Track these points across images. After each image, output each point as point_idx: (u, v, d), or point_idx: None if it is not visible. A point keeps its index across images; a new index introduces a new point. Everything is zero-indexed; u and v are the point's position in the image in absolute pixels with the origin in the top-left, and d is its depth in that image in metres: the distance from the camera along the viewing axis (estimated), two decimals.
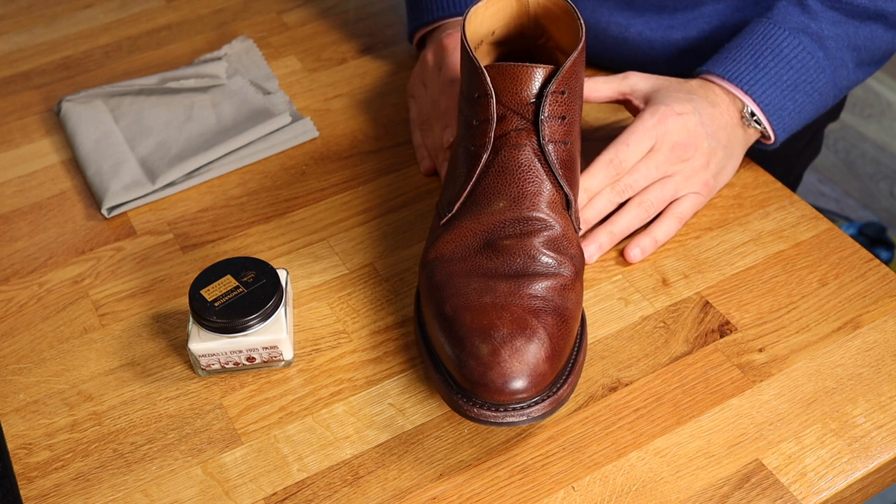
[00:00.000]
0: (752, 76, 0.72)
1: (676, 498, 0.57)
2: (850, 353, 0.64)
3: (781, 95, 0.73)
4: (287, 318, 0.64)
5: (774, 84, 0.72)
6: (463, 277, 0.60)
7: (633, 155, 0.69)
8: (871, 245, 1.76)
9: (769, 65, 0.72)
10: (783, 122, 0.73)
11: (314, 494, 0.58)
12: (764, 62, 0.72)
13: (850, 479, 0.57)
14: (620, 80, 0.74)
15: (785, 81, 0.72)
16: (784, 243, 0.72)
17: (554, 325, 0.57)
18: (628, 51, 0.84)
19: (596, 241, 0.69)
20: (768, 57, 0.72)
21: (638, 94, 0.73)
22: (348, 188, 0.79)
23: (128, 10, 1.02)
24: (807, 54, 0.72)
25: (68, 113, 0.85)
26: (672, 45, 0.83)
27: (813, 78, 0.73)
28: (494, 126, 0.62)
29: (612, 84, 0.74)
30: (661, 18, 0.82)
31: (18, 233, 0.77)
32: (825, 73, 0.73)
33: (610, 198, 0.69)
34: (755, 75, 0.72)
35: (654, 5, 0.82)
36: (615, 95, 0.74)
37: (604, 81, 0.74)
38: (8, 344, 0.68)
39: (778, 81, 0.72)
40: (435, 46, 0.81)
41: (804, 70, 0.73)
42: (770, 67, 0.72)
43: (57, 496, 0.58)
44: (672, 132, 0.69)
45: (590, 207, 0.69)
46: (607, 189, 0.69)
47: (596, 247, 0.69)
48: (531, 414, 0.56)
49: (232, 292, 0.62)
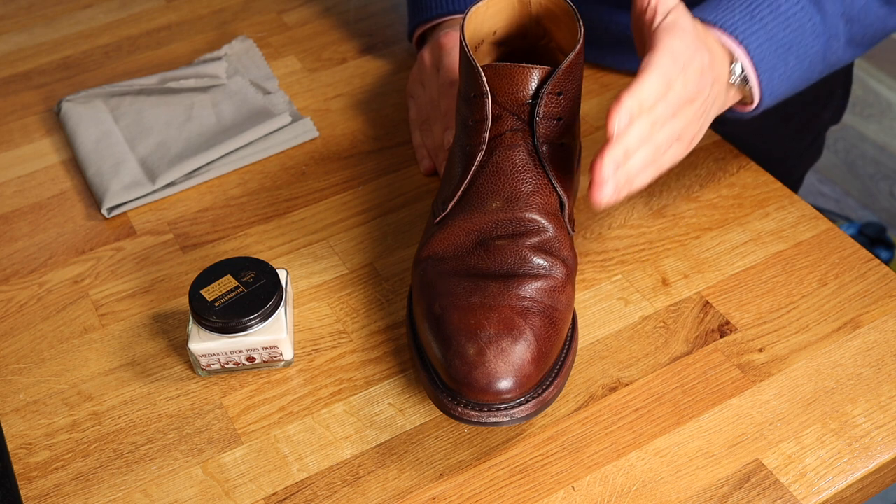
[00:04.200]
0: (748, 27, 0.66)
1: (676, 498, 0.57)
2: (850, 353, 0.64)
3: (775, 54, 0.66)
4: (287, 318, 0.64)
5: (770, 40, 0.66)
6: (453, 277, 0.60)
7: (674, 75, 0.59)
8: (871, 245, 1.76)
9: (766, 18, 0.66)
10: (772, 83, 0.67)
11: (314, 494, 0.58)
12: (760, 14, 0.66)
13: (850, 479, 0.57)
14: None
15: (780, 39, 0.67)
16: (784, 243, 0.72)
17: (542, 326, 0.57)
18: (630, 48, 0.84)
19: (613, 181, 0.56)
20: (765, 10, 0.66)
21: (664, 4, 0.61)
22: (348, 188, 0.79)
23: (128, 10, 1.01)
24: (804, 14, 0.67)
25: (68, 113, 0.85)
26: None
27: (808, 41, 0.68)
28: (490, 126, 0.62)
29: None
30: None
31: (18, 233, 0.77)
32: (819, 39, 0.68)
33: (646, 128, 0.58)
34: (751, 26, 0.66)
35: None
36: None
37: None
38: (8, 344, 0.68)
39: (773, 38, 0.66)
40: (432, 46, 0.80)
41: (801, 31, 0.67)
42: (767, 21, 0.66)
43: (57, 496, 0.58)
44: (693, 68, 0.60)
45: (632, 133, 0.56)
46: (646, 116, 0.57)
47: (613, 188, 0.56)
48: (515, 415, 0.55)
49: (232, 292, 0.62)
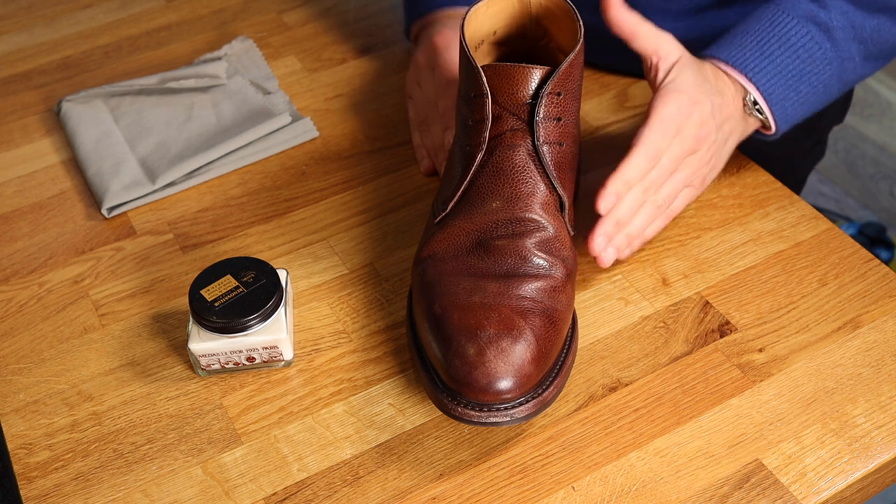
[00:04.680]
0: (758, 63, 0.70)
1: (676, 498, 0.57)
2: (850, 353, 0.64)
3: (785, 85, 0.71)
4: (287, 318, 0.64)
5: (779, 73, 0.71)
6: (453, 276, 0.60)
7: (664, 144, 0.65)
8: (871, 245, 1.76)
9: (775, 52, 0.70)
10: (785, 112, 0.72)
11: (314, 494, 0.58)
12: (770, 49, 0.71)
13: (850, 479, 0.57)
14: (657, 37, 0.68)
15: (790, 71, 0.71)
16: (784, 243, 0.72)
17: (542, 326, 0.57)
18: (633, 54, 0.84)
19: (614, 244, 0.64)
20: (775, 44, 0.71)
21: (666, 60, 0.68)
22: (348, 188, 0.79)
23: (128, 10, 1.01)
24: (814, 44, 0.71)
25: (68, 113, 0.85)
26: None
27: (819, 69, 0.71)
28: (490, 126, 0.62)
29: (655, 39, 0.68)
30: (664, 23, 0.81)
31: (18, 233, 0.77)
32: (831, 64, 0.72)
33: (638, 196, 0.65)
34: (760, 63, 0.70)
35: (657, 9, 0.81)
36: (649, 50, 0.68)
37: (649, 31, 0.68)
38: (8, 344, 0.68)
39: (783, 70, 0.71)
40: (426, 46, 0.80)
41: (810, 60, 0.71)
42: (776, 55, 0.70)
43: (57, 496, 0.58)
44: (689, 123, 0.66)
45: (623, 206, 0.64)
46: (638, 186, 0.64)
47: (614, 250, 0.64)
48: (515, 415, 0.55)
49: (232, 292, 0.62)
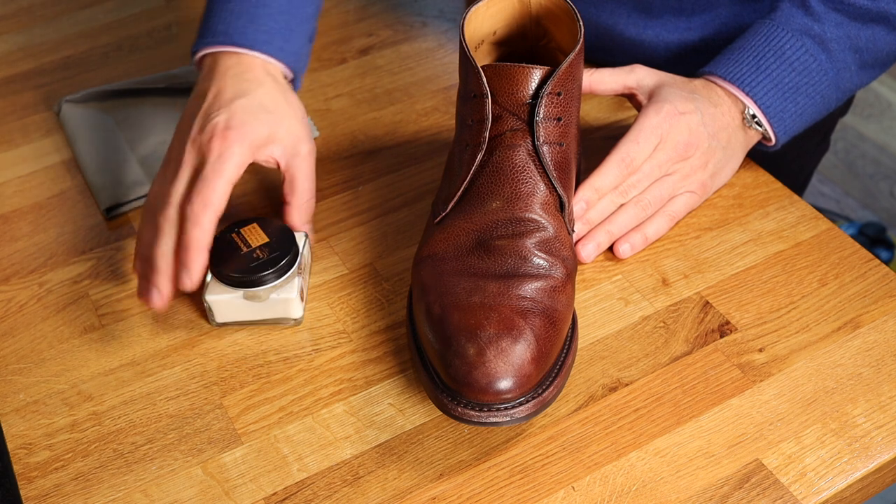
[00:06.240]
0: (754, 78, 0.72)
1: (676, 498, 0.57)
2: (850, 353, 0.64)
3: (783, 98, 0.72)
4: (301, 278, 0.66)
5: (776, 86, 0.72)
6: (453, 276, 0.60)
7: (643, 153, 0.69)
8: (871, 245, 1.76)
9: (771, 66, 0.72)
10: (784, 124, 0.73)
11: (314, 494, 0.58)
12: (766, 64, 0.72)
13: (850, 479, 0.57)
14: (627, 74, 0.73)
15: (787, 84, 0.72)
16: (784, 243, 0.72)
17: (542, 326, 0.57)
18: (644, 53, 0.84)
19: (594, 240, 0.69)
20: (770, 59, 0.72)
21: (643, 89, 0.73)
22: (348, 188, 0.79)
23: (128, 10, 1.01)
24: (809, 56, 0.72)
25: (68, 113, 0.85)
26: (689, 47, 0.83)
27: (815, 80, 0.73)
28: (490, 126, 0.62)
29: (619, 77, 0.73)
30: (678, 21, 0.82)
31: (18, 233, 0.77)
32: (827, 75, 0.73)
33: (613, 199, 0.70)
34: (757, 77, 0.72)
35: (671, 8, 0.81)
36: (621, 89, 0.74)
37: (610, 74, 0.73)
38: (8, 344, 0.68)
39: (780, 84, 0.72)
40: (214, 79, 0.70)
41: (806, 73, 0.72)
42: (772, 69, 0.72)
43: (57, 496, 0.58)
44: (676, 131, 0.69)
45: (594, 209, 0.69)
46: (607, 196, 0.69)
47: (594, 246, 0.69)
48: (515, 415, 0.55)
49: (248, 249, 0.65)
